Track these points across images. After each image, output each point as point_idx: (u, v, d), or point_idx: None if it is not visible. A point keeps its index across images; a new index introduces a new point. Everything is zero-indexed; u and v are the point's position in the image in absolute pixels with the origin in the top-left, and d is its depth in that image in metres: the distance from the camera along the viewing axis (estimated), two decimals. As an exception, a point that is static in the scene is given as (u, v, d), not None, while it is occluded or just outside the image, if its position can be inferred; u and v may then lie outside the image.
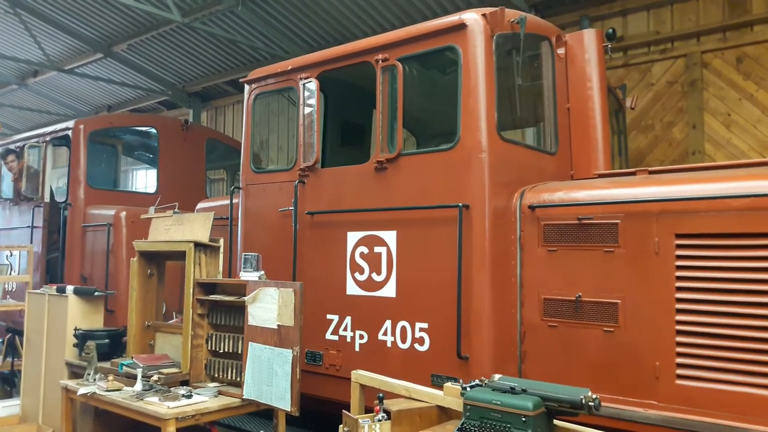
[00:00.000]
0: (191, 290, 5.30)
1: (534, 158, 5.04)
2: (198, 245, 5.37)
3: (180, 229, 5.67)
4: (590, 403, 3.09)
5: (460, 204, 4.48)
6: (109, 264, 8.10)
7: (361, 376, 4.24)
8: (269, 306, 4.71)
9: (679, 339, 3.83)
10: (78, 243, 8.60)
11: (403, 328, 4.81)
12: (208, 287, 5.37)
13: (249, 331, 4.86)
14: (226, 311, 5.29)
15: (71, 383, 5.38)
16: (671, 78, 8.02)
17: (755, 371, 3.57)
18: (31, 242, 9.12)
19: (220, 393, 4.95)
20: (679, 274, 3.86)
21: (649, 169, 4.52)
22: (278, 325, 4.63)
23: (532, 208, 4.49)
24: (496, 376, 3.55)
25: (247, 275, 5.16)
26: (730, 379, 3.65)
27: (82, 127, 8.97)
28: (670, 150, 7.96)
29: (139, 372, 5.07)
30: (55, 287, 6.52)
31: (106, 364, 5.58)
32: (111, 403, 4.90)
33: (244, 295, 4.92)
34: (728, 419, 3.61)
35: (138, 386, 4.98)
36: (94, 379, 5.32)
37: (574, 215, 4.28)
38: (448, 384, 3.77)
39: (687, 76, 7.87)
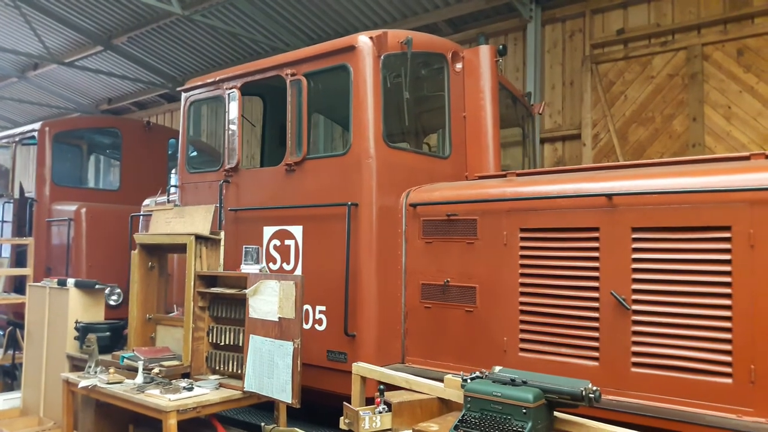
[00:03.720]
0: (192, 283, 5.31)
1: (423, 162, 5.62)
2: (199, 238, 5.37)
3: (181, 221, 5.68)
4: (590, 395, 3.11)
5: (349, 203, 5.03)
6: (70, 256, 8.75)
7: (361, 368, 4.25)
8: (270, 299, 4.72)
9: (522, 318, 4.42)
10: (43, 236, 9.26)
11: (307, 311, 5.33)
12: (209, 280, 5.38)
13: (250, 323, 4.87)
14: (227, 304, 5.30)
15: (72, 376, 5.40)
16: (672, 70, 8.00)
17: (577, 344, 4.14)
18: (2, 235, 9.83)
19: (221, 385, 4.97)
20: (522, 262, 4.46)
21: (517, 172, 5.11)
22: (279, 318, 4.64)
23: (413, 206, 5.14)
24: (497, 368, 3.56)
25: (248, 268, 5.17)
26: (558, 351, 4.23)
27: (47, 129, 9.72)
28: (670, 142, 7.95)
29: (140, 365, 5.08)
30: (56, 280, 6.53)
31: (107, 357, 5.60)
32: (112, 396, 4.90)
33: (245, 288, 4.93)
34: None
35: (139, 379, 4.99)
36: (95, 372, 5.34)
37: (444, 212, 4.92)
38: (449, 376, 3.79)
39: (688, 68, 7.85)
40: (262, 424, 5.00)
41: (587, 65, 8.67)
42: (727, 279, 3.60)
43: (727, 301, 3.59)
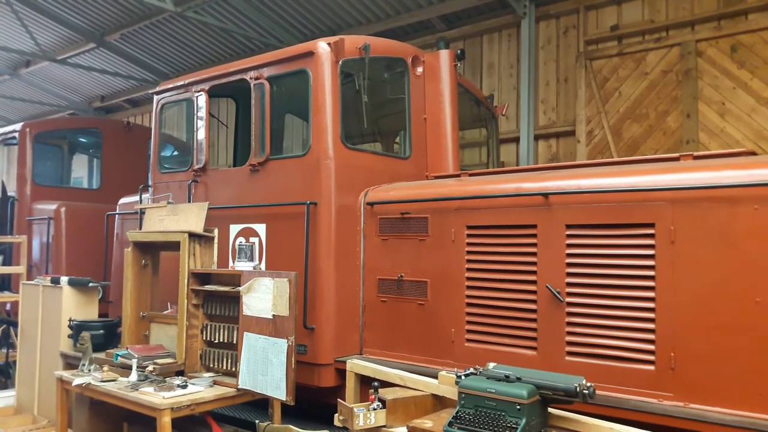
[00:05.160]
0: (186, 281, 5.29)
1: (383, 163, 5.84)
2: (192, 235, 5.35)
3: (174, 219, 5.66)
4: (585, 391, 3.11)
5: (308, 202, 5.22)
6: (50, 253, 8.97)
7: (356, 365, 4.25)
8: (264, 296, 4.71)
9: (468, 310, 4.66)
10: (24, 235, 9.32)
11: None
12: (202, 277, 5.36)
13: (244, 321, 4.86)
14: (221, 301, 5.29)
15: (66, 374, 5.38)
16: (666, 67, 8.01)
17: (517, 335, 4.39)
18: None
19: (215, 383, 4.96)
20: (468, 258, 4.70)
21: (470, 172, 5.35)
22: (273, 315, 4.63)
23: (371, 204, 5.37)
24: (491, 365, 3.56)
25: (242, 265, 5.16)
26: (501, 341, 4.47)
27: (28, 129, 9.92)
28: (664, 139, 7.96)
29: (134, 362, 5.07)
30: (49, 278, 6.50)
31: (101, 355, 5.58)
32: (106, 394, 4.89)
33: (239, 286, 4.92)
34: None
35: (133, 377, 4.98)
36: (89, 370, 5.32)
37: (399, 211, 5.16)
38: (443, 372, 3.79)
39: (681, 64, 7.87)
40: (257, 421, 5.00)
41: (581, 62, 8.67)
42: (651, 273, 3.83)
43: (650, 294, 3.82)
